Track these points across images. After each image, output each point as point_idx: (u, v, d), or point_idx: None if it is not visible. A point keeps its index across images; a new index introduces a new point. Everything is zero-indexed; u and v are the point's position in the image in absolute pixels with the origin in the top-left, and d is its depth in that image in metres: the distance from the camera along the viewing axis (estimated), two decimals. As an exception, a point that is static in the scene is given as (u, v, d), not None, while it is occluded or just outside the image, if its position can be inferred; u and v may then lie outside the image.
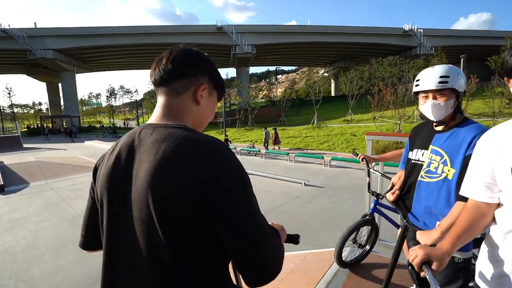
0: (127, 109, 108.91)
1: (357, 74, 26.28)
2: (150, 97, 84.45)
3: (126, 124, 53.79)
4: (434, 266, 0.93)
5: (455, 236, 1.00)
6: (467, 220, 1.00)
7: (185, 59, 0.73)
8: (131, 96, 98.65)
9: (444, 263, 0.95)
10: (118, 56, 47.15)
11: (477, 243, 1.39)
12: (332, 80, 59.10)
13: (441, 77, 1.29)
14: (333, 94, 58.96)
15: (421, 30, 41.21)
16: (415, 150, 1.54)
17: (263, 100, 45.41)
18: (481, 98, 16.63)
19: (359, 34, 41.32)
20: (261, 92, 41.96)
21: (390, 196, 1.65)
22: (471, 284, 1.56)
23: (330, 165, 10.86)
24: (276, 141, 15.96)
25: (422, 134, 1.53)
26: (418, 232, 1.27)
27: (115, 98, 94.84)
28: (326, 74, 55.81)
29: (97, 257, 3.72)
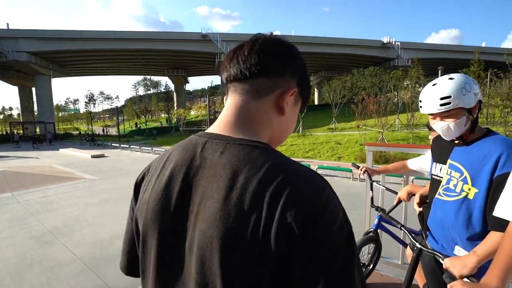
0: (106, 115, 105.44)
1: (340, 83, 26.97)
2: (132, 103, 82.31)
3: (105, 131, 51.67)
4: None
5: (504, 269, 0.84)
6: None
7: (274, 52, 0.55)
8: (112, 102, 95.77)
9: None
10: (98, 61, 45.76)
11: None
12: (315, 89, 60.41)
13: (441, 98, 1.14)
14: (316, 102, 60.15)
15: (399, 43, 43.26)
16: (434, 164, 1.43)
17: (247, 108, 45.39)
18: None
19: (341, 45, 42.70)
20: (245, 100, 42.00)
21: (416, 206, 1.53)
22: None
23: (317, 173, 10.80)
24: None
25: (440, 146, 1.40)
26: (448, 259, 1.11)
27: (94, 104, 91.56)
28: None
29: (67, 279, 3.22)
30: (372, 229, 2.07)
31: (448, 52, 45.70)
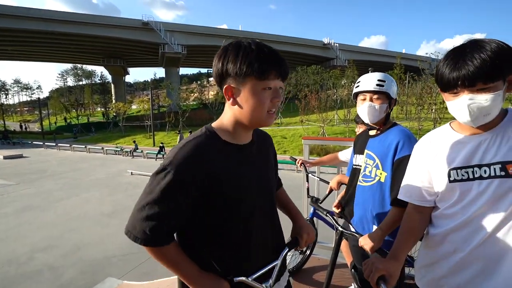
0: (25, 108, 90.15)
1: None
2: (59, 95, 71.82)
3: (23, 127, 43.92)
4: (391, 281, 0.92)
5: (403, 244, 1.01)
6: (411, 226, 1.02)
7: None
8: (32, 93, 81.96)
9: (398, 275, 0.95)
10: (10, 43, 38.44)
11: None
12: (262, 85, 61.69)
13: (378, 80, 1.37)
14: (264, 98, 61.44)
15: (337, 45, 46.99)
16: (355, 156, 1.59)
17: (195, 103, 44.03)
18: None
19: (286, 43, 44.34)
20: (192, 94, 40.58)
21: (336, 210, 1.67)
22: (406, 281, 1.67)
23: (264, 167, 11.11)
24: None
25: (361, 140, 1.59)
26: (361, 238, 1.28)
27: (7, 94, 76.94)
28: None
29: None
30: (309, 218, 2.21)
31: (377, 56, 51.53)
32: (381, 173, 1.37)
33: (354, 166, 1.58)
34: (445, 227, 0.91)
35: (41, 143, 22.96)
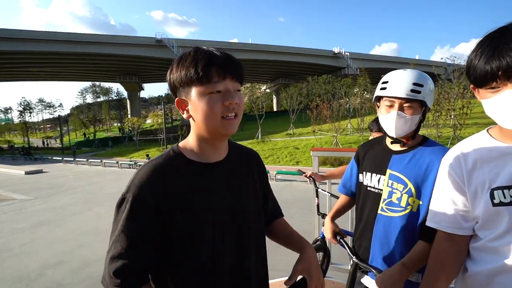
0: (48, 126, 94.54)
1: (296, 90, 27.99)
2: (79, 112, 75.10)
3: (45, 143, 45.88)
4: None
5: (432, 284, 0.81)
6: (441, 258, 0.81)
7: None
8: (54, 111, 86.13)
9: None
10: (37, 64, 40.94)
11: None
12: (274, 96, 62.02)
13: (414, 84, 1.05)
14: (275, 109, 61.71)
15: (348, 54, 46.81)
16: (367, 174, 1.25)
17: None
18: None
19: (297, 54, 44.67)
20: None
21: (330, 237, 1.41)
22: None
23: (276, 179, 10.89)
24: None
25: (374, 154, 1.27)
26: (379, 276, 1.03)
27: (31, 112, 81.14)
28: (268, 90, 58.33)
29: None
30: (320, 237, 2.04)
31: (389, 63, 50.76)
32: (414, 201, 1.09)
33: (369, 188, 1.23)
34: (492, 264, 0.71)
35: (60, 158, 23.77)
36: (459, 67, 16.59)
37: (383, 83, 1.13)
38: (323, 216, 1.99)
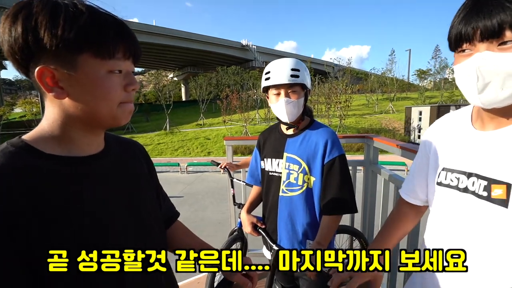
0: None
1: (206, 80, 27.45)
2: None
3: None
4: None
5: (388, 237, 0.83)
6: (399, 219, 0.85)
7: None
8: None
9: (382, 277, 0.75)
10: None
11: None
12: (182, 85, 59.13)
13: (292, 69, 1.14)
14: (184, 99, 59.04)
15: (255, 47, 49.01)
16: (268, 160, 1.30)
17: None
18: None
19: (206, 42, 43.54)
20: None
21: (250, 230, 1.34)
22: None
23: (188, 171, 10.47)
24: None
25: (272, 140, 1.32)
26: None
27: None
28: (176, 79, 55.15)
29: None
30: (237, 227, 1.98)
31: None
32: (309, 178, 1.18)
33: (271, 174, 1.28)
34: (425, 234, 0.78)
35: None
36: (343, 67, 20.10)
37: (266, 73, 1.19)
38: (239, 206, 1.93)
